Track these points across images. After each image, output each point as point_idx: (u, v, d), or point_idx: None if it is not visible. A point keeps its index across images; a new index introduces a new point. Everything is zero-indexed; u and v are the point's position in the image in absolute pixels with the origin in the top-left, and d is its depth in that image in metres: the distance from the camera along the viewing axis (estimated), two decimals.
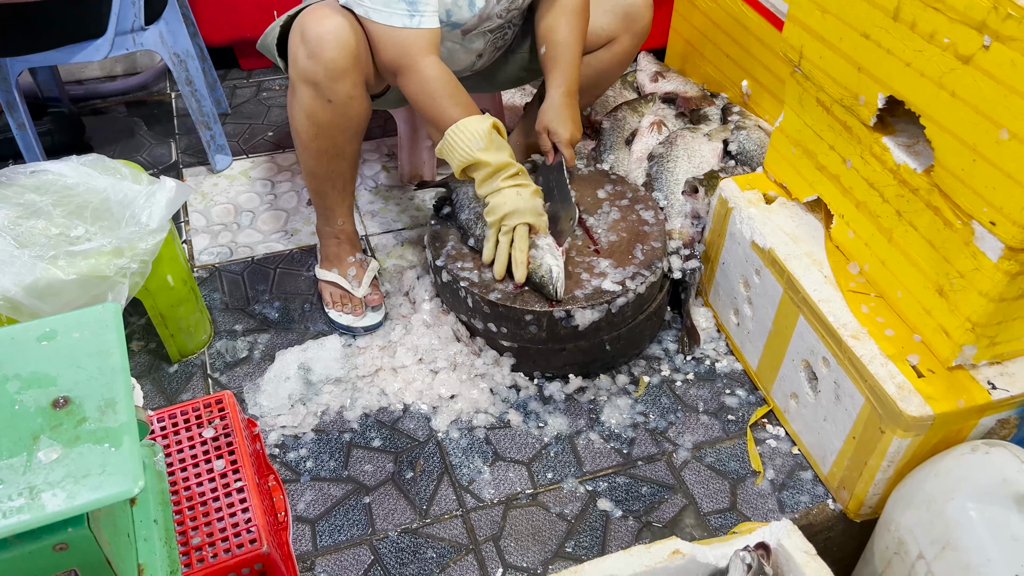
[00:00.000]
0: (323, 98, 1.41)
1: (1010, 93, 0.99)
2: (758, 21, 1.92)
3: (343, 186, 1.57)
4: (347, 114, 1.44)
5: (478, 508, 1.36)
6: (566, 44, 1.55)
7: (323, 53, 1.37)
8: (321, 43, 1.36)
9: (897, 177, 1.23)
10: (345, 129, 1.46)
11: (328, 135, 1.46)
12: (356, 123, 1.47)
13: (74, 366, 0.91)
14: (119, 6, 1.68)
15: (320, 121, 1.44)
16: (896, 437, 1.20)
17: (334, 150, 1.49)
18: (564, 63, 1.55)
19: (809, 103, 1.39)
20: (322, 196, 1.58)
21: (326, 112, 1.42)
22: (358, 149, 1.53)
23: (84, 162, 1.48)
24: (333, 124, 1.44)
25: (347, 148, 1.50)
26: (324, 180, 1.54)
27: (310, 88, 1.40)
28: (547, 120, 1.54)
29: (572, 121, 1.54)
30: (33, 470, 0.80)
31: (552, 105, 1.54)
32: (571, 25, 1.56)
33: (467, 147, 1.38)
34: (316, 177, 1.54)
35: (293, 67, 1.41)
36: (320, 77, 1.39)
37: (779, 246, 1.42)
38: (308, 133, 1.46)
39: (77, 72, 2.36)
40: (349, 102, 1.42)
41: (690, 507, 1.38)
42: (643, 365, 1.61)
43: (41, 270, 1.29)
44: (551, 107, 1.54)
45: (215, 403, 1.26)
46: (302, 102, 1.43)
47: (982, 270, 1.11)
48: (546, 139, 1.55)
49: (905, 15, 1.13)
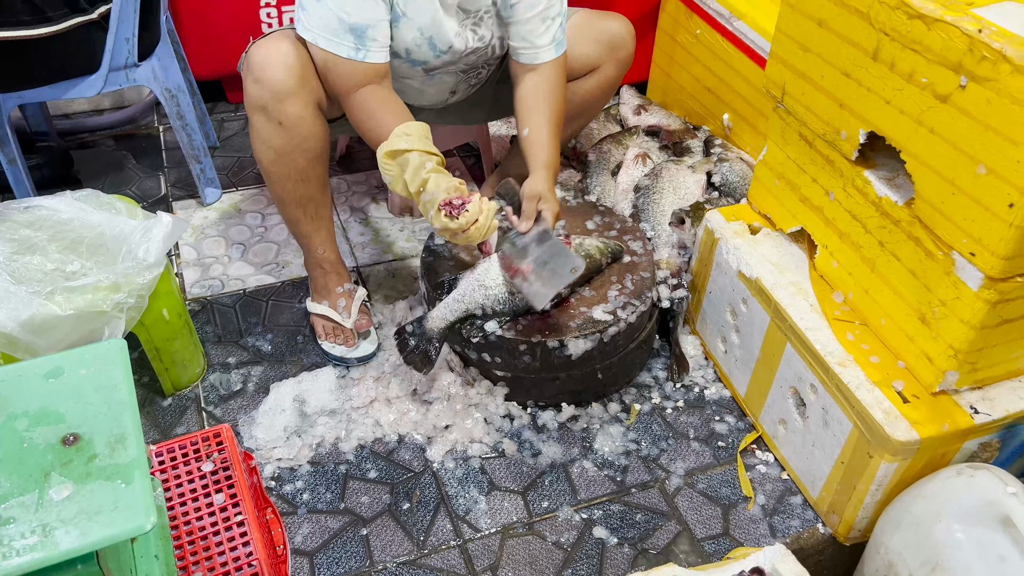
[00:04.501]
0: (274, 121, 1.43)
1: (986, 130, 1.04)
2: (738, 56, 1.98)
3: (315, 211, 1.58)
4: (300, 135, 1.46)
5: (475, 538, 1.37)
6: (549, 124, 1.53)
7: (267, 76, 1.40)
8: (264, 67, 1.40)
9: (879, 209, 1.27)
10: (304, 151, 1.47)
11: (286, 159, 1.48)
12: (313, 144, 1.48)
13: (82, 402, 0.92)
14: (113, 43, 1.70)
15: (275, 145, 1.46)
16: (884, 461, 1.23)
17: (297, 174, 1.50)
18: (548, 144, 1.52)
19: (792, 137, 1.44)
20: (296, 223, 1.59)
21: (279, 135, 1.45)
22: (323, 173, 1.54)
23: (78, 197, 1.49)
24: (289, 146, 1.46)
25: (310, 171, 1.51)
26: (294, 206, 1.55)
27: (261, 114, 1.43)
28: (539, 189, 1.46)
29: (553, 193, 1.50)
30: (45, 507, 0.81)
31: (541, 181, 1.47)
32: (551, 104, 1.54)
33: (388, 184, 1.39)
34: (285, 204, 1.56)
35: (245, 97, 1.45)
36: (267, 100, 1.42)
37: (765, 275, 1.46)
38: (267, 159, 1.48)
39: (65, 106, 2.37)
40: (300, 122, 1.44)
41: (684, 533, 1.40)
42: (634, 393, 1.63)
43: (38, 306, 1.29)
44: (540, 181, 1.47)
45: (213, 437, 1.27)
46: (256, 130, 1.46)
47: (963, 299, 1.15)
48: (533, 206, 1.46)
49: (884, 55, 1.18)
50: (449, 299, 1.49)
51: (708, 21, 2.06)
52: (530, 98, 1.55)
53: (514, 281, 1.45)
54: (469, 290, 1.47)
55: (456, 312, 1.47)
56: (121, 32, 1.70)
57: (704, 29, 2.08)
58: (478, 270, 1.49)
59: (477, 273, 1.48)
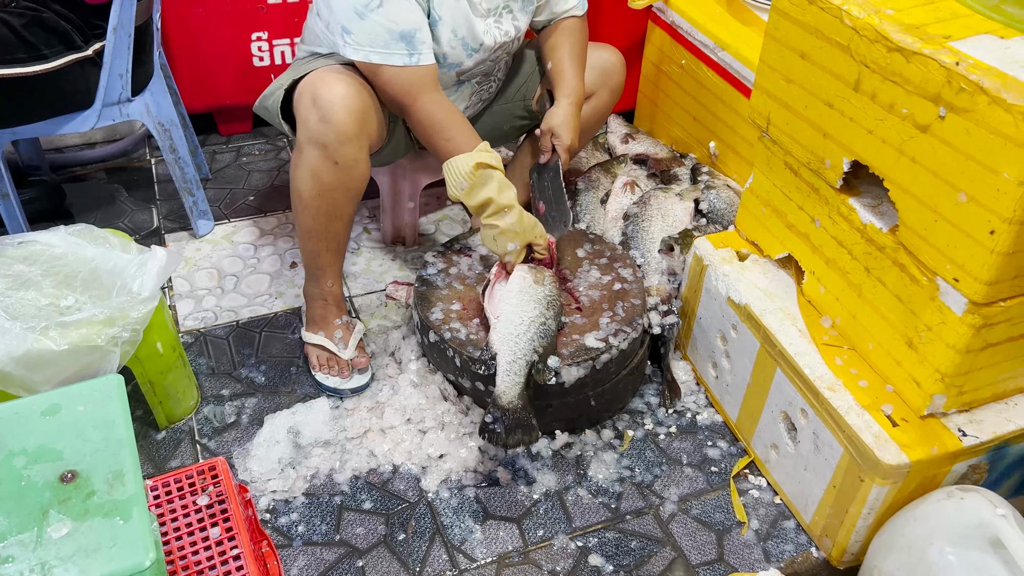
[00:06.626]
0: (330, 160, 1.47)
1: (966, 159, 1.07)
2: (723, 86, 2.01)
3: (336, 247, 1.61)
4: (351, 175, 1.51)
5: (471, 568, 1.37)
6: (571, 56, 1.69)
7: (334, 117, 1.44)
8: (333, 108, 1.44)
9: (864, 236, 1.30)
10: (347, 190, 1.52)
11: (330, 196, 1.51)
12: (357, 185, 1.54)
13: (80, 439, 0.92)
14: (107, 79, 1.71)
15: (324, 181, 1.49)
16: (875, 485, 1.25)
17: (334, 211, 1.54)
18: (571, 75, 1.68)
19: (777, 166, 1.47)
20: (315, 256, 1.62)
21: (331, 173, 1.49)
22: (354, 212, 1.59)
23: (72, 232, 1.50)
24: (336, 185, 1.50)
25: (346, 209, 1.56)
26: (320, 240, 1.58)
27: (318, 150, 1.46)
28: (553, 123, 1.64)
29: (575, 131, 1.65)
30: (44, 545, 0.81)
31: (560, 111, 1.65)
32: (572, 42, 1.71)
33: (454, 187, 1.48)
34: (313, 236, 1.58)
35: (303, 129, 1.47)
36: (330, 140, 1.45)
37: (754, 302, 1.48)
38: (311, 192, 1.51)
39: (57, 140, 2.38)
40: (354, 164, 1.50)
41: (679, 560, 1.40)
42: (627, 419, 1.64)
43: (32, 341, 1.30)
44: (559, 113, 1.65)
45: (208, 470, 1.27)
46: (309, 162, 1.49)
47: (948, 324, 1.17)
48: (548, 140, 1.65)
49: (865, 87, 1.21)
50: (504, 365, 1.42)
51: (693, 51, 2.10)
52: (553, 38, 1.72)
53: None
54: (514, 346, 1.43)
55: (520, 372, 1.42)
56: (115, 68, 1.72)
57: (689, 59, 2.12)
58: (504, 326, 1.45)
59: (507, 327, 1.44)
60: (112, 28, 1.66)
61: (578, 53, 1.71)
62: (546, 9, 1.74)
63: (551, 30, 1.74)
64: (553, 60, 1.70)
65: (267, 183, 2.29)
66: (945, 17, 1.17)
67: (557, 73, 1.69)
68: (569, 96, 1.66)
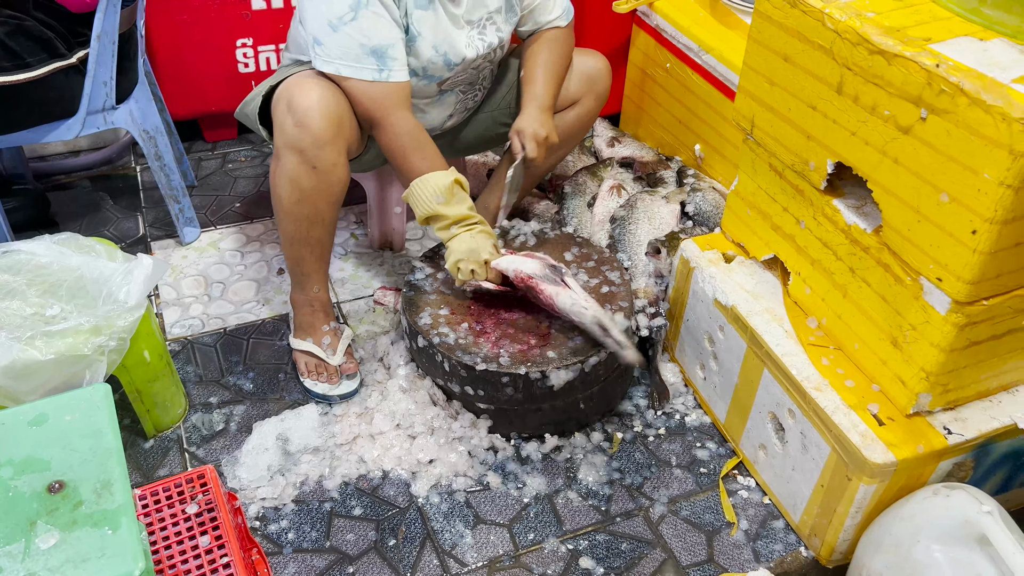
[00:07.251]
0: (308, 165, 1.47)
1: (948, 160, 1.08)
2: (707, 89, 2.03)
3: (320, 253, 1.61)
4: (330, 180, 1.50)
5: (462, 572, 1.37)
6: (544, 65, 1.71)
7: (310, 122, 1.44)
8: (309, 113, 1.43)
9: (848, 237, 1.31)
10: (327, 195, 1.52)
11: (311, 200, 1.51)
12: (337, 189, 1.53)
13: (67, 449, 0.92)
14: (91, 87, 1.71)
15: (303, 187, 1.49)
16: (863, 484, 1.26)
17: (315, 215, 1.54)
18: (539, 83, 1.69)
19: (762, 168, 1.48)
20: (299, 262, 1.62)
21: (310, 178, 1.48)
22: (336, 216, 1.59)
23: (57, 241, 1.49)
24: (316, 190, 1.50)
25: (327, 214, 1.55)
26: (303, 246, 1.58)
27: (296, 155, 1.46)
28: (519, 125, 1.65)
29: (543, 124, 1.65)
30: (32, 556, 0.81)
31: (524, 115, 1.66)
32: (550, 52, 1.72)
33: (428, 201, 1.48)
34: (295, 243, 1.58)
35: (280, 135, 1.47)
36: (307, 145, 1.45)
37: (740, 303, 1.49)
38: (291, 198, 1.51)
39: (41, 148, 2.37)
40: (333, 169, 1.49)
41: (670, 561, 1.41)
42: (616, 422, 1.65)
43: (18, 351, 1.29)
44: (525, 116, 1.66)
45: (197, 478, 1.26)
46: (287, 168, 1.48)
47: (932, 323, 1.18)
48: (516, 141, 1.65)
49: (848, 89, 1.22)
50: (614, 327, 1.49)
51: (677, 55, 2.11)
52: (532, 48, 1.74)
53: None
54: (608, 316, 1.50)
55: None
56: (99, 76, 1.71)
57: (674, 63, 2.13)
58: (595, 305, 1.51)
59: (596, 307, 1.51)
60: (96, 36, 1.65)
61: (554, 63, 1.72)
62: (530, 19, 1.75)
63: (532, 40, 1.76)
64: (526, 69, 1.72)
65: (253, 189, 2.28)
66: (925, 20, 1.19)
67: (526, 82, 1.70)
68: (532, 101, 1.67)
